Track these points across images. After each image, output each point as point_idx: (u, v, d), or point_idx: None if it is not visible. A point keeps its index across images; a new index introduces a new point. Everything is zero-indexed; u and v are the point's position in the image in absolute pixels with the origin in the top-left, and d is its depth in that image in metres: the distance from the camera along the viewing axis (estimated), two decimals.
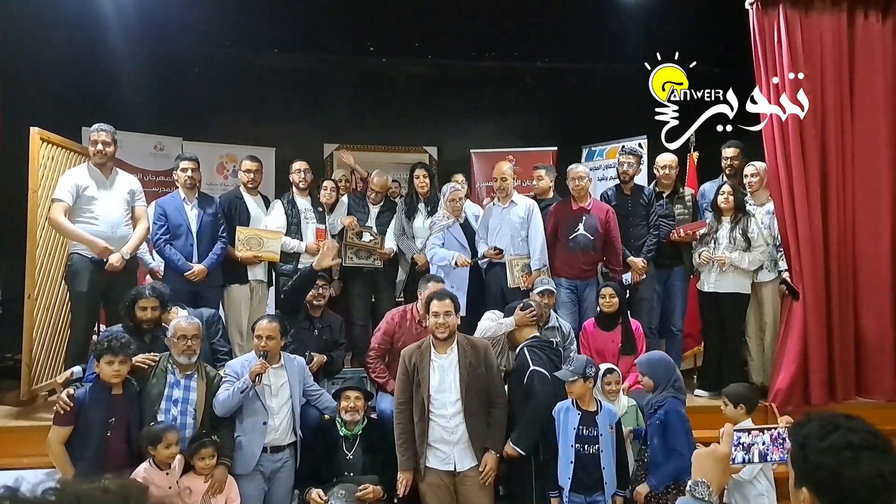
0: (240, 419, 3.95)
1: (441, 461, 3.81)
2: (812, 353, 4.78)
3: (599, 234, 5.09)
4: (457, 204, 5.25)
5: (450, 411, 3.81)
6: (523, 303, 4.40)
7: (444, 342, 3.87)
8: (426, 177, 5.60)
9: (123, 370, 3.66)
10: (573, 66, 7.85)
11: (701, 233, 5.12)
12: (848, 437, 1.40)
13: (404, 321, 4.59)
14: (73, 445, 3.58)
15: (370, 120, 7.93)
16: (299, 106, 7.76)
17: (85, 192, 4.62)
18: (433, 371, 3.84)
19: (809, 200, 4.76)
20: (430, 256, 5.18)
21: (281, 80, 7.75)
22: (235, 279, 5.15)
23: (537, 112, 8.00)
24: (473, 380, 3.84)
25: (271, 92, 7.71)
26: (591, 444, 3.78)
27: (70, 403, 3.57)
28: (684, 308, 5.44)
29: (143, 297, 4.17)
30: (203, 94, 7.28)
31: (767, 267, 5.04)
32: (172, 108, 7.10)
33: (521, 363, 4.07)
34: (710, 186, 5.61)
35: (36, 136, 4.85)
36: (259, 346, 3.98)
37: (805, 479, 1.44)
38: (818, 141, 4.80)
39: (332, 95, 7.85)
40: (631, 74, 6.99)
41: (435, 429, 3.82)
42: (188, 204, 4.99)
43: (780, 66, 4.79)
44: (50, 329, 5.02)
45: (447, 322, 3.84)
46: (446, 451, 3.80)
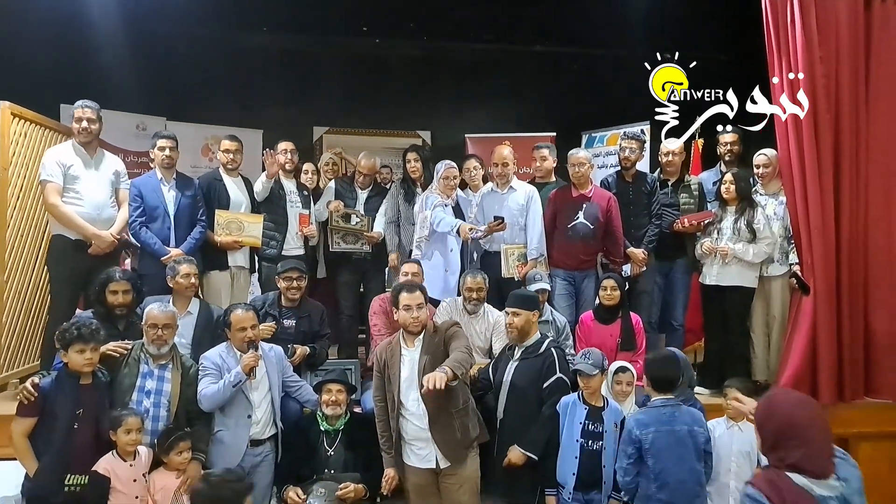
0: (223, 413, 3.78)
1: (421, 459, 3.64)
2: (821, 349, 4.60)
3: (600, 222, 4.89)
4: (450, 182, 5.03)
5: (420, 406, 3.59)
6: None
7: (414, 335, 3.69)
8: (417, 160, 5.41)
9: (95, 358, 3.48)
10: (572, 51, 7.70)
11: (706, 223, 4.93)
12: None
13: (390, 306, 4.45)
14: (38, 438, 3.40)
15: (362, 103, 7.74)
16: (288, 87, 7.55)
17: (69, 170, 4.45)
18: (402, 365, 3.66)
19: (822, 190, 4.56)
20: (435, 221, 4.87)
21: (270, 60, 7.55)
22: (215, 265, 4.92)
23: (535, 97, 7.80)
24: (433, 360, 3.58)
25: (259, 72, 7.49)
26: (595, 440, 3.66)
27: (34, 393, 3.38)
28: (686, 302, 5.26)
29: (113, 281, 4.03)
30: (188, 72, 7.06)
31: (779, 260, 4.84)
32: (156, 86, 6.88)
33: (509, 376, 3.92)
34: (708, 175, 5.45)
35: (7, 111, 4.63)
36: (245, 338, 3.80)
37: None
38: (832, 128, 4.60)
39: (323, 77, 7.67)
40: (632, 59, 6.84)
41: (408, 426, 3.64)
42: (165, 185, 4.75)
43: (793, 49, 4.57)
44: (21, 314, 4.81)
45: (419, 316, 3.65)
46: (425, 449, 3.62)
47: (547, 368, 3.87)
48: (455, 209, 5.08)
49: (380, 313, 4.60)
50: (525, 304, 3.96)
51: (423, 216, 4.98)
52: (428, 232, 4.91)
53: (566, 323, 4.59)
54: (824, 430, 2.20)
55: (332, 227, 5.25)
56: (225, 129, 5.81)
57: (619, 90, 6.51)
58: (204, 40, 7.09)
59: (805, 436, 2.16)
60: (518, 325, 3.93)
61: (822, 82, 4.53)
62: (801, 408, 2.23)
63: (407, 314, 3.65)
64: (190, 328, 4.24)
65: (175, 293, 4.24)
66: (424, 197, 5.09)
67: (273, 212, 5.13)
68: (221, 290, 4.92)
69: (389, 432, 3.68)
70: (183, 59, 7.01)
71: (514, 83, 7.84)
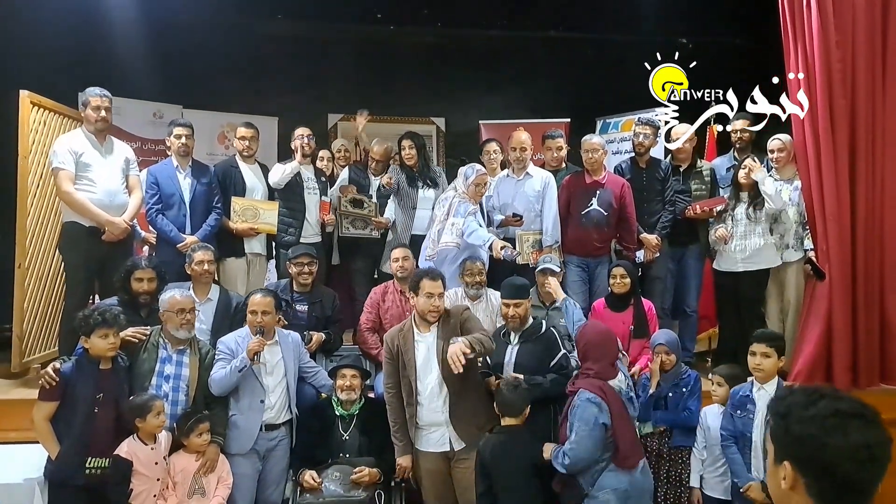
0: (236, 398, 3.84)
1: (435, 443, 3.69)
2: (836, 336, 4.58)
3: (614, 209, 4.87)
4: (481, 190, 4.77)
5: (436, 390, 3.66)
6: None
7: (431, 323, 3.73)
8: (412, 147, 5.35)
9: (118, 343, 3.55)
10: (587, 36, 7.64)
11: (718, 209, 4.91)
12: (835, 405, 1.34)
13: (387, 294, 4.58)
14: (60, 422, 3.47)
15: (376, 90, 7.72)
16: (303, 75, 7.56)
17: (81, 158, 4.47)
18: (417, 351, 3.70)
19: (838, 176, 4.52)
20: (467, 231, 4.58)
21: (285, 47, 7.56)
22: (231, 252, 4.96)
23: (549, 83, 7.76)
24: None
25: (274, 60, 7.52)
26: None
27: (55, 378, 3.44)
28: (699, 288, 5.24)
29: (139, 269, 4.09)
30: (204, 61, 7.07)
31: (794, 246, 4.82)
32: (173, 75, 6.92)
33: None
34: (721, 162, 5.41)
35: (26, 100, 4.70)
36: (255, 323, 3.84)
37: (787, 453, 1.37)
38: (848, 112, 4.55)
39: (338, 64, 7.65)
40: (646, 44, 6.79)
41: (424, 412, 3.68)
42: (181, 172, 4.80)
43: (809, 32, 4.52)
44: (42, 300, 4.91)
45: (440, 305, 3.70)
46: (438, 433, 3.68)
47: (551, 347, 3.94)
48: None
49: (369, 304, 4.61)
50: (523, 294, 3.99)
51: (452, 222, 4.72)
52: (458, 239, 4.67)
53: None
54: (613, 348, 3.56)
55: (341, 212, 5.28)
56: (241, 117, 5.83)
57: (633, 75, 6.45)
58: (220, 28, 7.10)
59: (600, 353, 3.45)
60: (521, 315, 3.95)
61: (837, 67, 4.47)
62: (599, 334, 3.54)
63: (428, 301, 3.67)
64: (210, 314, 4.31)
65: (193, 280, 4.30)
66: (454, 201, 4.77)
67: (290, 199, 5.14)
68: (237, 277, 4.96)
69: (403, 419, 3.73)
70: (199, 47, 7.02)
71: (528, 69, 7.80)
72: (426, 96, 7.88)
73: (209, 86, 7.19)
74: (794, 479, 1.34)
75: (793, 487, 1.35)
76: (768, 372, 3.59)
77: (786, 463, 1.35)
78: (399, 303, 4.51)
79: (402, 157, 5.43)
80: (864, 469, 1.29)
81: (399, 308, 4.48)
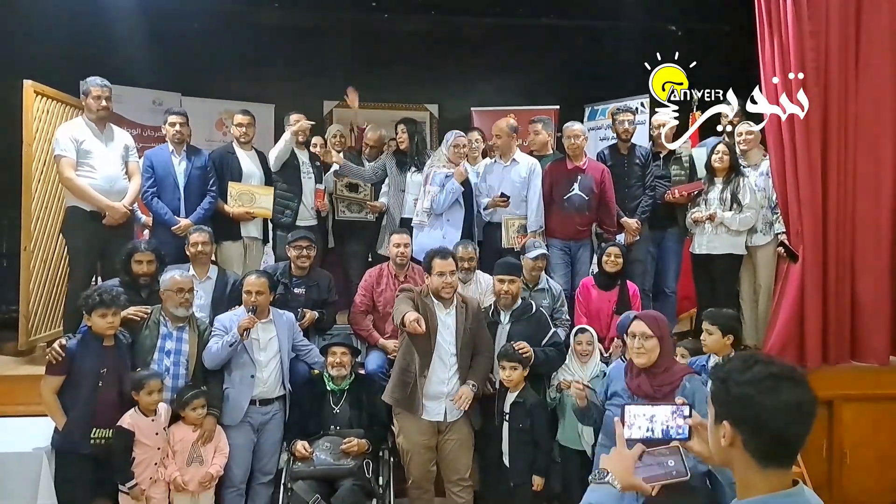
0: (228, 372, 4.03)
1: (433, 413, 3.84)
2: (808, 315, 4.73)
3: (595, 194, 5.04)
4: (460, 151, 5.02)
5: (448, 363, 3.85)
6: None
7: (446, 300, 3.89)
8: (404, 132, 5.43)
9: (116, 322, 3.72)
10: (577, 24, 7.69)
11: (695, 194, 5.07)
12: (768, 368, 1.47)
13: (381, 278, 4.68)
14: (66, 395, 3.66)
15: (371, 77, 7.76)
16: (299, 62, 7.67)
17: (82, 145, 4.58)
18: (440, 325, 3.84)
19: (810, 159, 4.66)
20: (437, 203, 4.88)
21: (281, 35, 7.66)
22: (228, 236, 5.08)
23: (540, 70, 7.86)
24: (469, 338, 3.89)
25: (271, 48, 7.62)
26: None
27: (61, 353, 3.62)
28: (678, 269, 5.40)
29: (138, 252, 4.24)
30: (202, 49, 7.18)
31: (762, 230, 4.99)
32: (171, 63, 7.03)
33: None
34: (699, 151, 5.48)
35: (30, 89, 4.84)
36: (249, 302, 4.03)
37: (726, 413, 1.50)
38: (821, 99, 4.68)
39: (333, 52, 7.72)
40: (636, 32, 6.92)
41: (431, 382, 3.83)
42: (176, 157, 4.93)
43: (784, 22, 4.64)
44: (47, 282, 5.07)
45: (452, 282, 3.86)
46: (439, 402, 3.84)
47: (543, 326, 4.15)
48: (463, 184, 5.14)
49: (363, 287, 4.72)
50: (517, 271, 4.20)
51: (426, 189, 5.01)
52: (430, 206, 4.93)
53: (561, 291, 4.74)
54: None
55: (337, 196, 5.41)
56: (238, 104, 5.96)
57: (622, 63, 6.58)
58: (217, 17, 7.19)
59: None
60: (514, 292, 4.13)
61: (811, 56, 4.60)
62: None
63: (440, 280, 3.83)
64: (209, 293, 4.49)
65: (191, 260, 4.49)
66: (431, 170, 5.05)
67: (288, 181, 5.26)
68: (234, 260, 5.07)
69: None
70: (197, 36, 7.14)
71: (520, 57, 7.89)
72: (420, 83, 7.97)
73: (207, 74, 7.31)
74: (733, 437, 1.47)
75: (731, 444, 1.48)
76: (710, 347, 3.87)
77: (725, 422, 1.48)
78: (393, 286, 4.61)
79: (396, 141, 5.54)
80: (794, 425, 1.43)
81: (392, 291, 4.56)
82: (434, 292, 3.88)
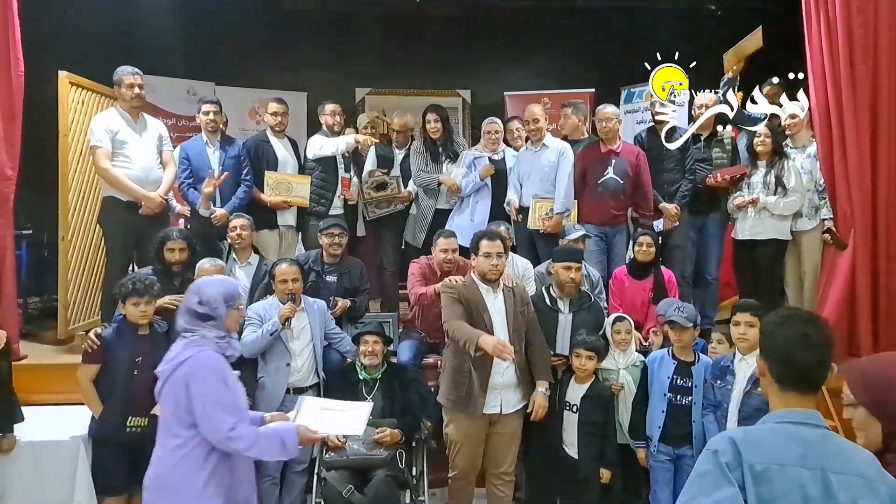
0: (264, 361, 4.02)
1: (489, 406, 3.72)
2: (859, 301, 4.56)
3: (629, 177, 4.92)
4: (492, 137, 5.27)
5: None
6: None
7: (494, 283, 3.79)
8: (437, 121, 5.38)
9: (150, 310, 3.72)
10: (612, 4, 7.56)
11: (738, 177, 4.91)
12: (790, 311, 1.84)
13: (429, 271, 4.47)
14: (102, 384, 3.67)
15: (402, 64, 7.80)
16: (331, 50, 7.67)
17: (117, 136, 4.63)
18: (489, 311, 3.72)
19: (859, 141, 4.48)
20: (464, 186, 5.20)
21: (313, 24, 7.68)
22: (265, 224, 5.11)
23: (574, 53, 7.72)
24: (520, 322, 3.79)
25: (303, 36, 7.64)
26: (684, 394, 3.75)
27: (97, 342, 3.64)
28: (720, 256, 5.25)
29: (170, 239, 4.25)
30: (235, 38, 7.24)
31: (808, 214, 4.81)
32: (204, 53, 7.12)
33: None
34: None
35: (65, 80, 4.90)
36: (286, 290, 4.02)
37: (761, 349, 1.84)
38: (870, 78, 4.49)
39: (364, 39, 7.73)
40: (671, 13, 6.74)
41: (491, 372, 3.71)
42: (210, 147, 4.98)
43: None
44: (85, 271, 5.15)
45: (498, 264, 3.75)
46: (495, 394, 3.71)
47: (600, 317, 4.13)
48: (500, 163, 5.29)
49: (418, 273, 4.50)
50: (578, 257, 4.11)
51: (456, 172, 5.19)
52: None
53: (599, 277, 4.67)
54: None
55: (366, 200, 5.37)
56: (271, 93, 5.97)
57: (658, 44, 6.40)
58: (250, 6, 7.18)
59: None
60: (578, 280, 4.05)
61: (859, 32, 4.41)
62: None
63: (486, 261, 3.73)
64: (249, 278, 4.53)
65: (232, 246, 4.55)
66: (464, 152, 5.30)
67: (325, 171, 5.27)
68: (270, 248, 5.11)
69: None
70: (230, 25, 7.16)
71: (554, 40, 7.77)
72: (452, 69, 7.91)
73: (240, 63, 7.37)
74: (763, 367, 1.79)
75: (762, 373, 1.80)
76: (752, 341, 3.45)
77: (759, 356, 1.83)
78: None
79: (426, 131, 5.46)
80: (802, 351, 1.71)
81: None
82: (481, 274, 3.78)
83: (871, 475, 1.58)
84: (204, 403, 2.52)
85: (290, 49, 7.55)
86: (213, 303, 2.67)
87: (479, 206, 5.14)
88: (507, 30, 7.81)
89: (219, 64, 7.20)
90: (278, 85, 6.86)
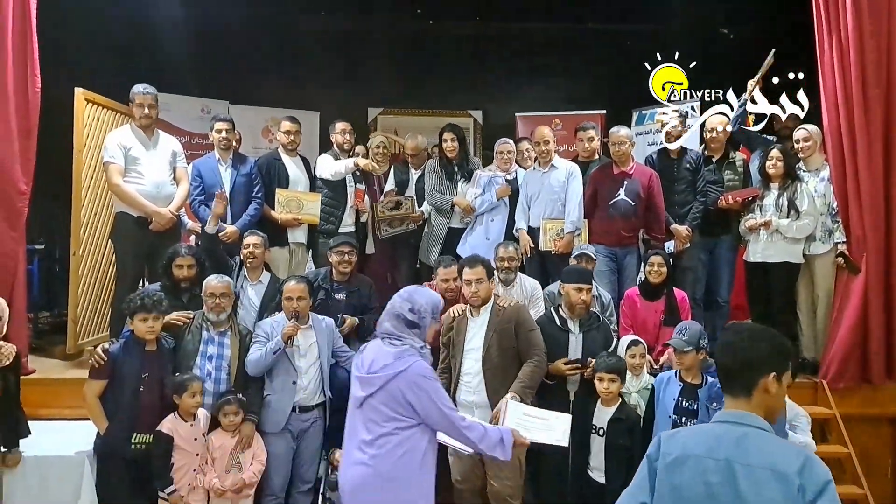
0: (270, 378, 3.99)
1: None
2: (871, 326, 4.54)
3: (641, 199, 4.90)
4: (505, 157, 5.31)
5: (473, 369, 3.76)
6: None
7: (476, 307, 3.85)
8: (454, 140, 5.40)
9: (157, 326, 3.73)
10: (622, 28, 7.58)
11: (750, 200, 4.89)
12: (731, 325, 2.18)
13: None
14: (108, 399, 3.67)
15: (415, 84, 7.83)
16: (344, 69, 7.72)
17: (130, 152, 4.67)
18: (468, 333, 3.80)
19: (871, 164, 4.47)
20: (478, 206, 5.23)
21: (326, 43, 7.71)
22: (276, 242, 5.07)
23: (585, 75, 7.73)
24: (500, 337, 3.76)
25: (316, 55, 7.66)
26: (690, 416, 3.66)
27: (104, 358, 3.65)
28: (731, 279, 5.20)
29: (179, 256, 4.25)
30: (249, 57, 7.31)
31: (821, 238, 4.78)
32: (218, 71, 7.18)
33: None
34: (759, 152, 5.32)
35: (80, 97, 4.96)
36: (291, 308, 3.98)
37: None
38: (882, 102, 4.48)
39: (377, 58, 7.75)
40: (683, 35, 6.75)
41: (462, 390, 3.78)
42: (222, 165, 5.01)
43: (843, 22, 4.46)
44: (95, 286, 5.18)
45: (478, 291, 3.79)
46: (479, 413, 3.68)
47: (608, 336, 4.09)
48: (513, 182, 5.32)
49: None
50: (589, 278, 4.09)
51: (471, 192, 5.23)
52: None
53: (611, 299, 4.63)
54: None
55: (379, 218, 5.39)
56: (284, 111, 6.02)
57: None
58: (264, 25, 7.29)
59: None
60: (589, 301, 4.02)
61: (871, 57, 4.42)
62: None
63: (467, 289, 3.82)
64: (260, 296, 4.51)
65: (244, 263, 4.52)
66: (478, 172, 5.34)
67: (334, 189, 5.30)
68: (280, 266, 5.10)
69: None
70: (244, 44, 7.23)
71: (565, 61, 7.79)
72: (464, 89, 7.94)
73: (254, 82, 7.42)
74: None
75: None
76: None
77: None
78: None
79: (442, 150, 5.47)
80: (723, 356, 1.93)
81: None
82: (464, 300, 3.87)
83: (785, 470, 1.71)
84: (440, 405, 2.73)
85: (303, 68, 7.59)
86: (422, 312, 2.82)
87: (493, 225, 5.17)
88: (519, 51, 7.84)
89: (233, 83, 7.25)
90: (291, 104, 6.93)
